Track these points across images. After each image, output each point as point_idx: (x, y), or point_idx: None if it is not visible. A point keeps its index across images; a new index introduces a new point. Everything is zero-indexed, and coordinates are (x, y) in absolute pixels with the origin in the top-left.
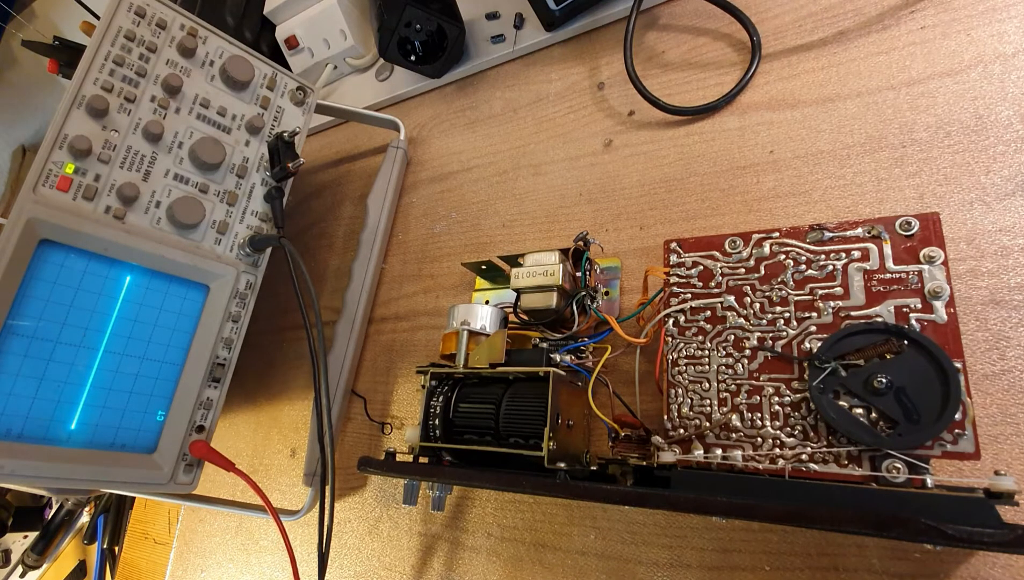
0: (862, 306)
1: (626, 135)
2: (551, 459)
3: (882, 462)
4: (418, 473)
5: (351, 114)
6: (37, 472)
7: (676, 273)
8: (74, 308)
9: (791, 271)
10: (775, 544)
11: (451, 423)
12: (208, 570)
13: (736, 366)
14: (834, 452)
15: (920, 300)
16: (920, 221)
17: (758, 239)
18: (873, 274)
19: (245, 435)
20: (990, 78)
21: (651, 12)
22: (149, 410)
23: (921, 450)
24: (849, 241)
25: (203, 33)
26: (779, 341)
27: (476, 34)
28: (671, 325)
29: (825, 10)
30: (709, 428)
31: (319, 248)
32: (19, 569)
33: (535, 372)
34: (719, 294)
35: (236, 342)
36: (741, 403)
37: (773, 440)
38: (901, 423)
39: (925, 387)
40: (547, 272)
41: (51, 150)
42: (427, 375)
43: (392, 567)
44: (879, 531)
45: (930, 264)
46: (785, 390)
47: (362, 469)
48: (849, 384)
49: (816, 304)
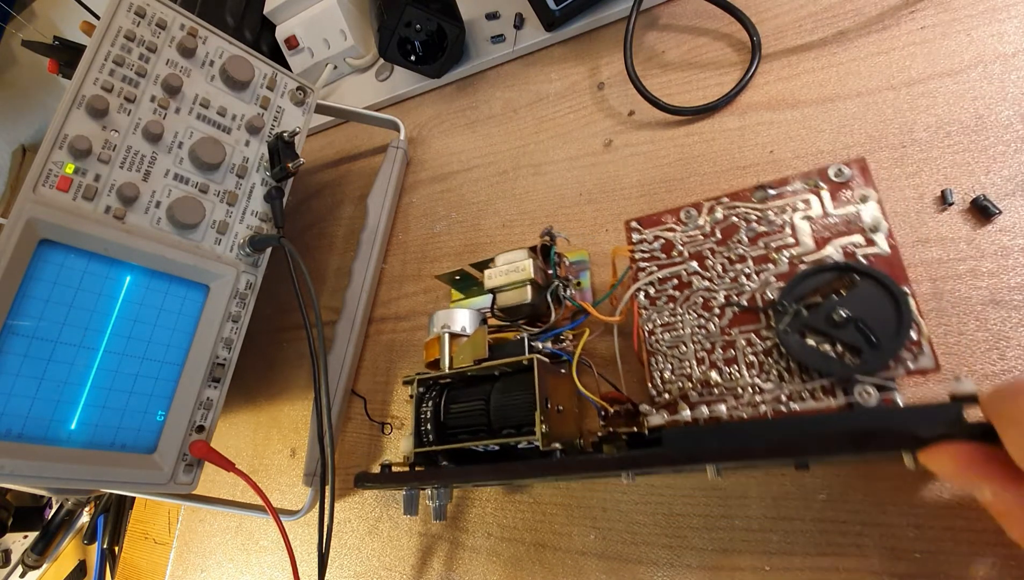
0: (812, 251)
1: (626, 135)
2: (546, 441)
3: (853, 389)
4: (415, 480)
5: (351, 114)
6: (37, 472)
7: (639, 249)
8: (74, 308)
9: (744, 230)
10: (775, 544)
11: (443, 426)
12: (208, 570)
13: (708, 325)
14: (808, 388)
15: (862, 237)
16: (850, 166)
17: (710, 206)
18: (817, 221)
19: (245, 435)
20: (990, 78)
21: (651, 12)
22: (149, 410)
23: (886, 372)
24: (791, 195)
25: (203, 33)
26: (743, 295)
27: (476, 34)
28: (642, 298)
29: (825, 10)
30: (691, 387)
31: (319, 248)
32: (19, 569)
33: (519, 361)
34: (682, 262)
35: (236, 342)
36: (718, 359)
37: (752, 388)
38: (864, 350)
39: (880, 314)
40: (518, 268)
41: (51, 150)
42: (414, 384)
43: (392, 567)
44: (857, 448)
45: (865, 203)
46: (756, 339)
47: (359, 485)
48: (812, 322)
49: (771, 256)
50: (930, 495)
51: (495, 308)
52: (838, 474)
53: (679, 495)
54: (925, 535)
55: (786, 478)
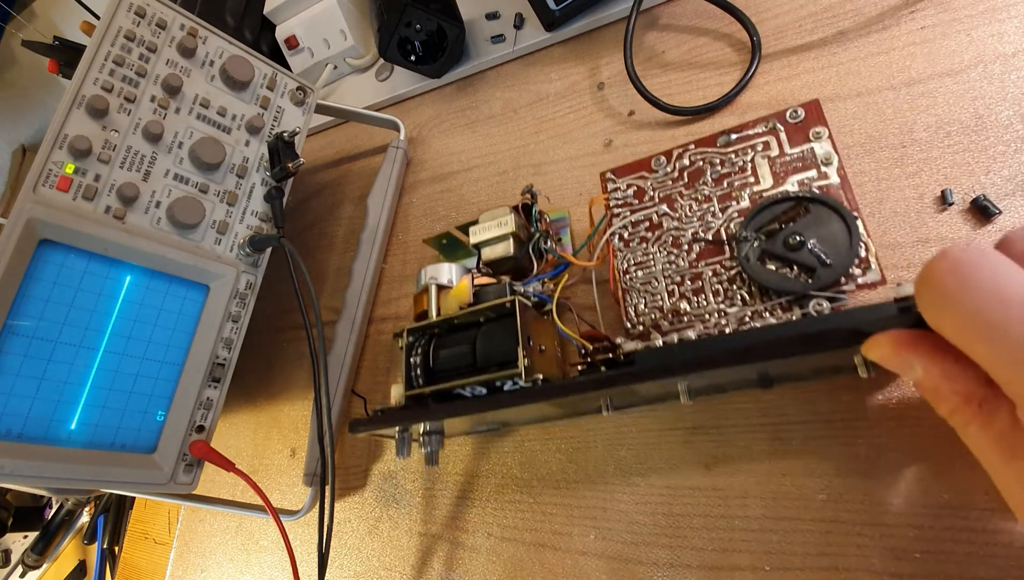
0: (771, 187)
1: (626, 135)
2: (528, 374)
3: (808, 304)
4: (406, 418)
5: (351, 114)
6: (37, 472)
7: (614, 197)
8: (74, 308)
9: (709, 173)
10: (775, 544)
11: (432, 372)
12: (208, 570)
13: (677, 261)
14: (768, 306)
15: (816, 171)
16: (804, 108)
17: (678, 153)
18: (776, 160)
19: (245, 435)
20: (990, 78)
21: (651, 12)
22: (149, 410)
23: (838, 287)
24: (752, 138)
25: (203, 33)
26: (709, 231)
27: (476, 34)
28: (617, 241)
29: (825, 10)
30: (662, 317)
31: (319, 248)
32: (19, 569)
33: (502, 304)
34: (653, 206)
35: (236, 342)
36: (687, 291)
37: (719, 313)
38: (818, 269)
39: (832, 237)
40: (501, 223)
41: (51, 150)
42: (403, 335)
43: (392, 567)
44: (808, 346)
45: (818, 140)
46: (721, 270)
47: (353, 430)
48: (771, 249)
49: (734, 194)
50: (930, 495)
51: (480, 263)
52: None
53: (679, 495)
54: (925, 535)
55: (786, 478)
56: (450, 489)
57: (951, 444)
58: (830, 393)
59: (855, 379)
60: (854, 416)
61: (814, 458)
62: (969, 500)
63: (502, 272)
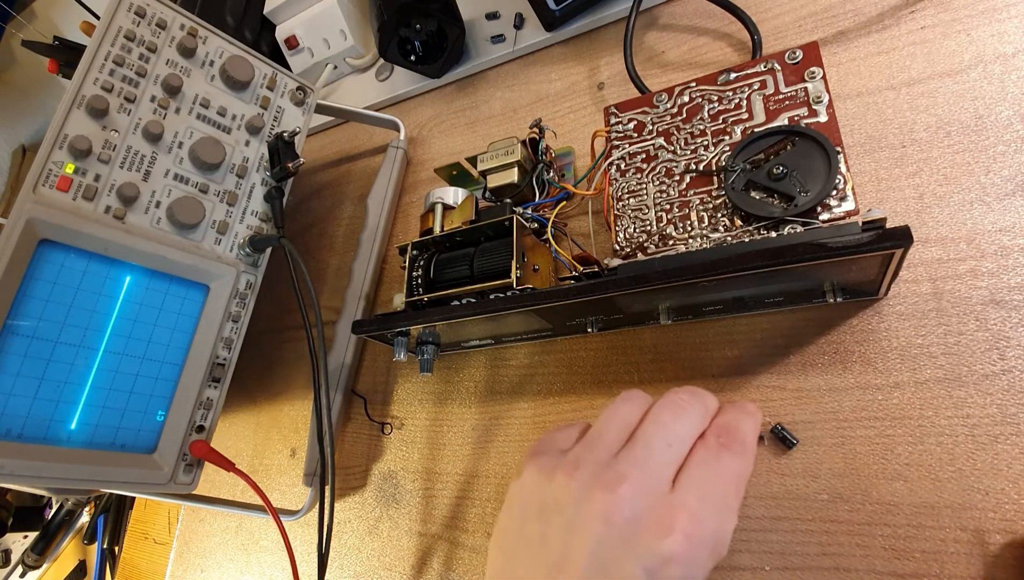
0: (763, 122)
1: None
2: (519, 284)
3: (784, 228)
4: (405, 320)
5: (351, 114)
6: (37, 472)
7: (615, 130)
8: (74, 308)
9: (707, 108)
10: (775, 544)
11: (432, 283)
12: (208, 570)
13: (669, 190)
14: (748, 230)
15: (807, 109)
16: (803, 50)
17: (679, 90)
18: (770, 97)
19: (245, 435)
20: (990, 78)
21: (651, 12)
22: (149, 410)
23: (814, 214)
24: (750, 77)
25: (203, 33)
26: (701, 163)
27: (476, 34)
28: (614, 171)
29: (825, 10)
30: (648, 239)
31: (319, 248)
32: (19, 569)
33: (502, 222)
34: (651, 139)
35: (236, 342)
36: (675, 218)
37: (702, 238)
38: (796, 198)
39: (814, 168)
40: (508, 152)
41: (51, 150)
42: (408, 248)
43: (392, 567)
44: (774, 258)
45: (812, 80)
46: (708, 199)
47: (356, 331)
48: (756, 178)
49: (727, 129)
50: (930, 495)
51: (486, 190)
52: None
53: None
54: (925, 535)
55: (786, 478)
56: (450, 489)
57: (951, 445)
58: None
59: (826, 307)
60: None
61: (814, 456)
62: (969, 500)
63: (506, 198)
